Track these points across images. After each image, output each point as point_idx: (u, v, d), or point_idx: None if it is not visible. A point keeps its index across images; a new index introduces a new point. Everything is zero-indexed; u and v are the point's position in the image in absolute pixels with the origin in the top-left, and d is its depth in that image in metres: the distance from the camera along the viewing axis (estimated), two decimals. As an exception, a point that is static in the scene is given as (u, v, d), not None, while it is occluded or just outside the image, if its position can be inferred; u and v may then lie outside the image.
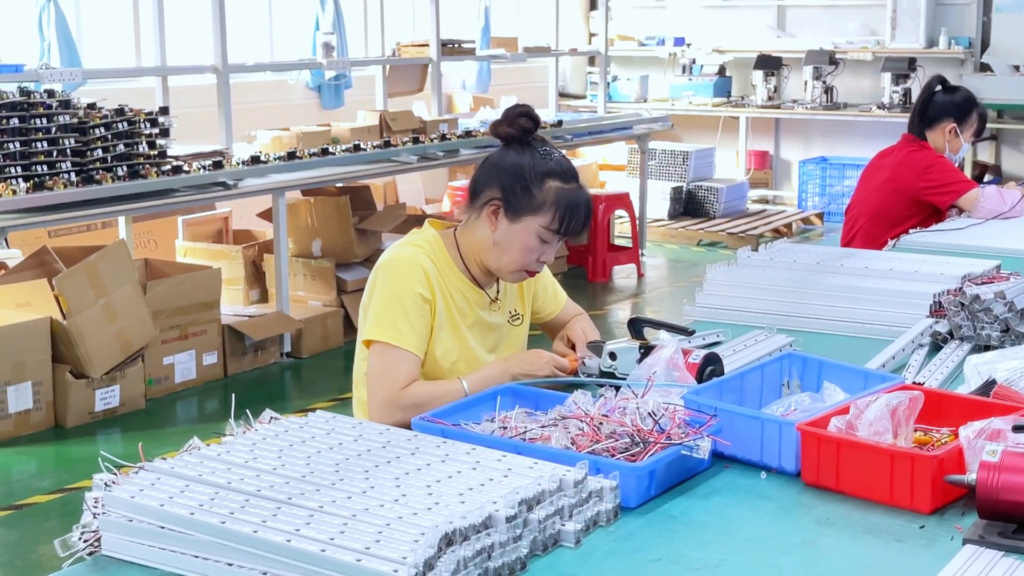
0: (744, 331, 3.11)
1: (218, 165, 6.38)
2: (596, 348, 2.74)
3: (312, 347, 6.95)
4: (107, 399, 5.83)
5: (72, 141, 5.71)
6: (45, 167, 5.59)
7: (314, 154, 6.98)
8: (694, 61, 12.00)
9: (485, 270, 2.84)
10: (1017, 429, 2.06)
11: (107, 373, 5.82)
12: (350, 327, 7.14)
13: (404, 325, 2.70)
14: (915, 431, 2.23)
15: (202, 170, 6.30)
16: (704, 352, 2.64)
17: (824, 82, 11.09)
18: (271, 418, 2.22)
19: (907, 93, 10.56)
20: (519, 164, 2.74)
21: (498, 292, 2.92)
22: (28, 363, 5.56)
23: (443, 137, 7.81)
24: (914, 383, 2.61)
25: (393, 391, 2.66)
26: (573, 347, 2.91)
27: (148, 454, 2.04)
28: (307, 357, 6.92)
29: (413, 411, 2.51)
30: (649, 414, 2.18)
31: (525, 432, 2.22)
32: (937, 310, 3.23)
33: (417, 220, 7.75)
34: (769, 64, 11.39)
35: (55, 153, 5.64)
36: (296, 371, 6.82)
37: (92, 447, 5.44)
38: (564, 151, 2.85)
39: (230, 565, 1.77)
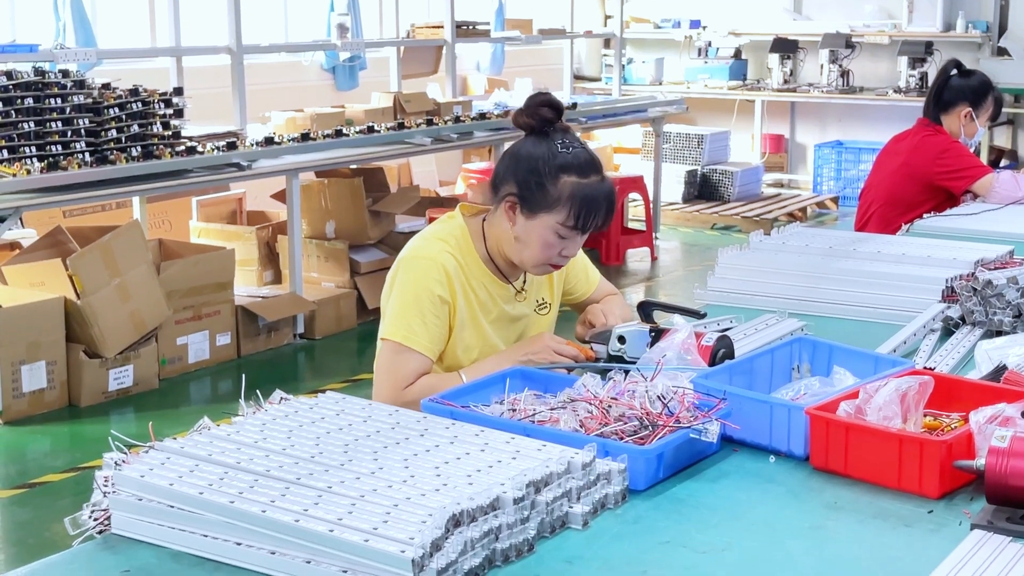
0: (756, 315, 3.10)
1: (232, 146, 6.39)
2: (603, 335, 2.73)
3: (325, 328, 6.97)
4: (120, 379, 5.86)
5: (86, 121, 5.72)
6: (59, 147, 5.60)
7: (328, 136, 6.98)
8: (710, 44, 11.96)
9: (510, 262, 2.79)
10: (1027, 415, 2.06)
11: (121, 353, 5.84)
12: (363, 309, 7.15)
13: (418, 326, 2.68)
14: (925, 416, 2.22)
15: (216, 151, 6.31)
16: (717, 335, 2.63)
17: (840, 65, 11.05)
18: (281, 399, 2.22)
19: (924, 77, 10.52)
20: (534, 157, 2.66)
21: (524, 283, 2.88)
22: (42, 343, 5.58)
23: (457, 119, 7.80)
24: (925, 368, 2.60)
25: (396, 389, 2.65)
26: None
27: (161, 434, 2.05)
28: (320, 338, 6.93)
29: (414, 408, 2.52)
30: (658, 397, 2.18)
31: (534, 414, 2.22)
32: (949, 295, 3.22)
33: (431, 202, 7.76)
34: (785, 47, 11.35)
35: (69, 133, 5.65)
36: (309, 352, 6.84)
37: (105, 426, 5.47)
38: (582, 138, 2.78)
39: (239, 544, 1.78)
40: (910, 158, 5.04)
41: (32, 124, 5.52)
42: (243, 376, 2.39)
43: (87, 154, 5.68)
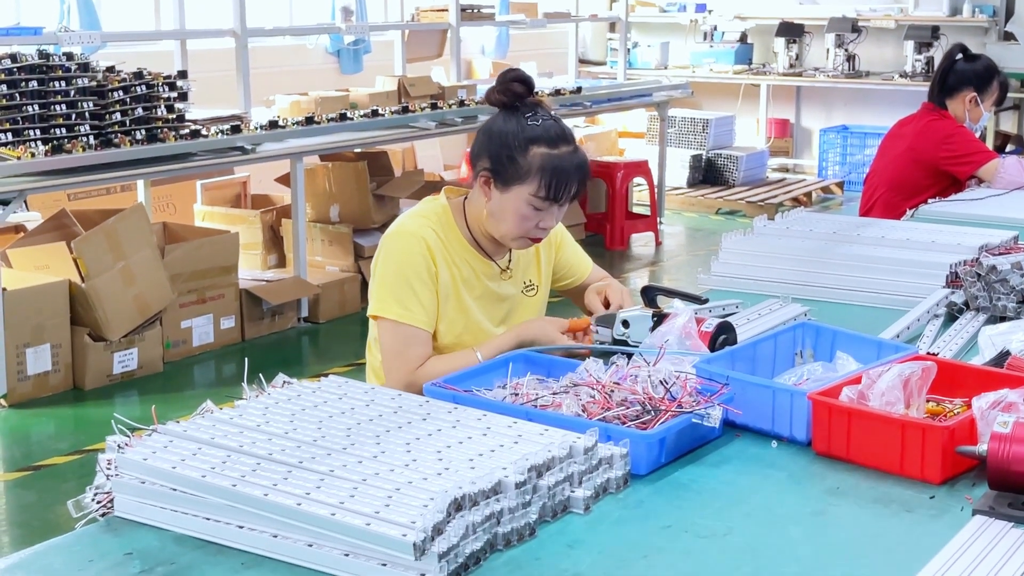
0: (759, 300, 3.10)
1: (236, 130, 6.39)
2: (608, 319, 2.73)
3: (329, 312, 6.97)
4: (125, 362, 5.87)
5: (91, 104, 5.72)
6: (64, 130, 5.60)
7: (332, 119, 6.97)
8: (715, 28, 11.92)
9: (492, 239, 2.82)
10: (1030, 401, 2.06)
11: (125, 336, 5.85)
12: (367, 293, 7.13)
13: (411, 301, 2.70)
14: (928, 402, 2.22)
15: (220, 134, 6.30)
16: (717, 321, 2.64)
17: (846, 50, 11.02)
18: (284, 382, 2.23)
19: (930, 61, 10.49)
20: (505, 132, 2.70)
21: (509, 262, 2.90)
22: (47, 326, 5.59)
23: (461, 103, 7.79)
24: (928, 353, 2.60)
25: (409, 371, 2.66)
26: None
27: (165, 417, 2.06)
28: (324, 322, 6.94)
29: None
30: (661, 382, 2.18)
31: (536, 399, 2.23)
32: (953, 280, 3.22)
33: (435, 187, 7.75)
34: (791, 31, 11.31)
35: (74, 116, 5.65)
36: (313, 336, 6.84)
37: (109, 409, 5.46)
38: (558, 114, 2.79)
39: (241, 528, 1.78)
40: (915, 143, 5.03)
41: (36, 107, 5.52)
42: (247, 360, 2.39)
43: (91, 137, 5.68)
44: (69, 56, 5.74)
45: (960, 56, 5.11)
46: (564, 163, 2.68)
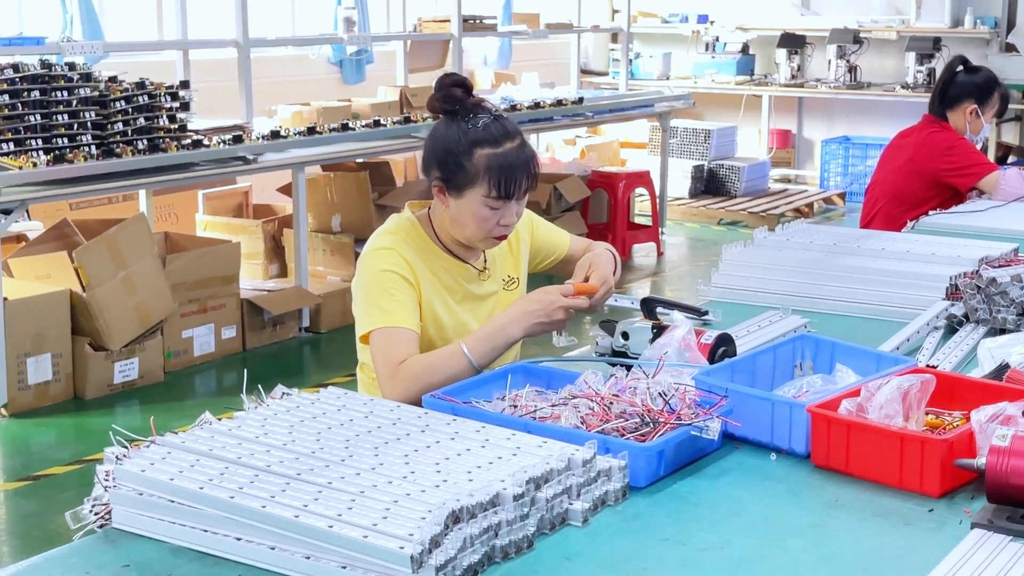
0: (759, 311, 3.10)
1: (238, 139, 6.39)
2: (609, 327, 2.74)
3: (330, 322, 6.97)
4: (126, 371, 5.87)
5: (93, 114, 5.73)
6: (66, 140, 5.61)
7: (334, 129, 6.97)
8: (717, 39, 11.93)
9: (461, 243, 2.82)
10: (1029, 414, 2.05)
11: (126, 346, 5.85)
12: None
13: (390, 305, 2.68)
14: (927, 414, 2.22)
15: (222, 144, 6.31)
16: (716, 333, 2.63)
17: (848, 61, 11.03)
18: (283, 393, 2.23)
19: (931, 73, 10.49)
20: (448, 138, 2.71)
21: (485, 262, 2.90)
22: (48, 335, 5.60)
23: (463, 113, 7.77)
24: (927, 366, 2.60)
25: (391, 366, 2.62)
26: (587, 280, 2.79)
27: (166, 427, 2.06)
28: (325, 332, 6.94)
29: (413, 382, 2.52)
30: (660, 394, 2.18)
31: (535, 411, 2.23)
32: (953, 292, 3.21)
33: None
34: (793, 42, 11.32)
35: (76, 126, 5.66)
36: (314, 346, 6.84)
37: (110, 419, 5.47)
38: (501, 111, 2.78)
39: (238, 539, 1.78)
40: (916, 154, 5.03)
41: (38, 117, 5.52)
42: (247, 370, 2.39)
43: (93, 147, 5.68)
44: (71, 66, 5.74)
45: (961, 68, 5.12)
46: (510, 160, 2.68)
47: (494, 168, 2.67)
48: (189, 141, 6.11)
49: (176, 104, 6.09)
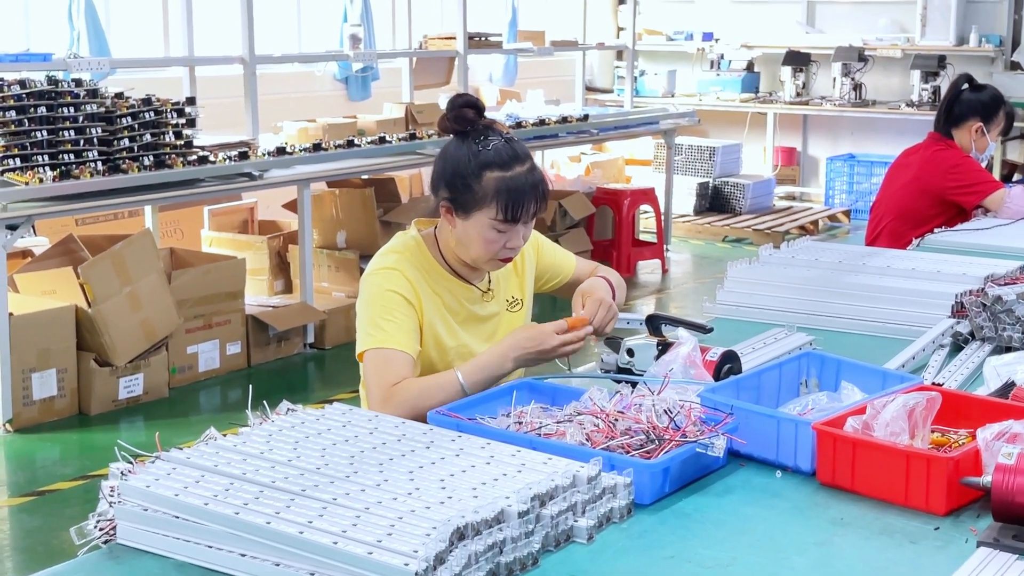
0: (764, 329, 3.10)
1: (244, 156, 6.41)
2: (614, 344, 2.74)
3: (335, 338, 6.97)
4: (131, 387, 5.87)
5: (99, 130, 5.74)
6: (72, 156, 5.62)
7: (340, 146, 6.99)
8: (722, 56, 11.96)
9: (466, 264, 2.81)
10: (1035, 432, 2.05)
11: (131, 361, 5.85)
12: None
13: (389, 326, 2.67)
14: (933, 432, 2.22)
15: (228, 160, 6.32)
16: (722, 350, 2.63)
17: (853, 79, 11.04)
18: (288, 409, 2.23)
19: (936, 91, 10.50)
20: (458, 159, 2.70)
21: (490, 282, 2.89)
22: (53, 350, 5.60)
23: (469, 130, 7.78)
24: (933, 384, 2.60)
25: (384, 389, 2.61)
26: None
27: (170, 443, 2.06)
28: (330, 348, 6.94)
29: (405, 406, 2.51)
30: (665, 411, 2.18)
31: (540, 427, 2.22)
32: (959, 310, 3.22)
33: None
34: (798, 60, 11.34)
35: (82, 142, 5.67)
36: (319, 362, 6.84)
37: (115, 435, 5.48)
38: (513, 134, 2.77)
39: (243, 556, 1.78)
40: (921, 172, 5.03)
41: (45, 133, 5.54)
42: (252, 386, 2.39)
43: (99, 163, 5.69)
44: (78, 82, 5.76)
45: (966, 86, 5.12)
46: (519, 184, 2.67)
47: (503, 191, 2.66)
48: (195, 157, 6.12)
49: (182, 120, 6.11)
